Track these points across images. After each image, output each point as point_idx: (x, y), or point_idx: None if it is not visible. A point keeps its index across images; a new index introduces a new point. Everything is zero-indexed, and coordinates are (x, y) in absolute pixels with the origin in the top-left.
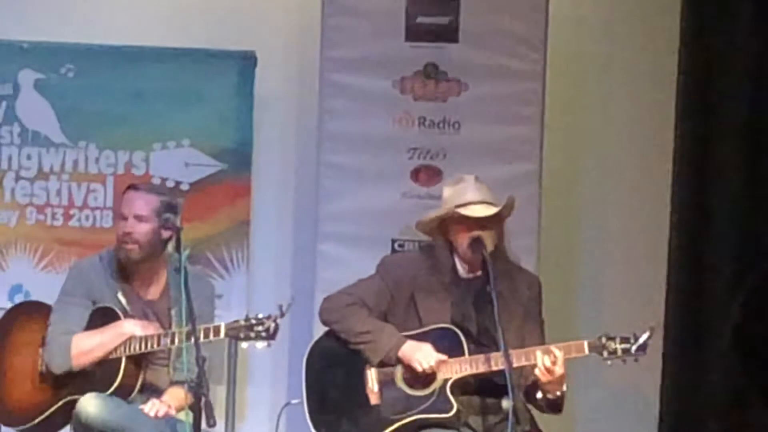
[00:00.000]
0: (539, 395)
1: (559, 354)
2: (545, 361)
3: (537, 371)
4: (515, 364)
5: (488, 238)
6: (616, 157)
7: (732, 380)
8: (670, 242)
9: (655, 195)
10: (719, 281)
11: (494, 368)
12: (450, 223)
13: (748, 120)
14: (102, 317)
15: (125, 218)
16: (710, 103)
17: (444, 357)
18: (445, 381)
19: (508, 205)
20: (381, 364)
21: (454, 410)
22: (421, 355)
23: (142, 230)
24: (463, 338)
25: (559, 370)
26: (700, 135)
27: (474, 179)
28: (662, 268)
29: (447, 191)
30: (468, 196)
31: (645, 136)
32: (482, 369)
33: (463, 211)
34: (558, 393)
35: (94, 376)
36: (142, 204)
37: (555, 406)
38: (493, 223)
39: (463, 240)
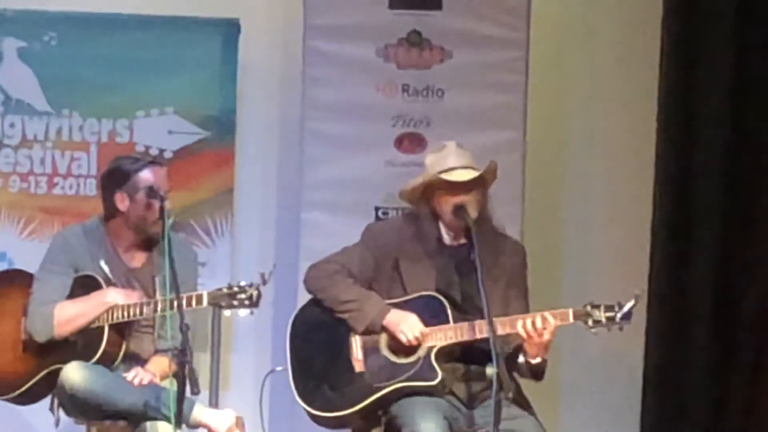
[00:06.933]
0: (520, 359)
1: (553, 322)
2: (537, 322)
3: (521, 329)
4: (500, 332)
5: (472, 205)
6: (599, 124)
7: (716, 347)
8: (654, 209)
9: (640, 162)
10: (704, 249)
11: (479, 336)
12: (433, 189)
13: (734, 79)
14: (83, 286)
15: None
16: (694, 65)
17: (428, 330)
18: (430, 349)
19: (490, 170)
20: (366, 332)
21: (439, 378)
22: (406, 326)
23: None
24: (447, 306)
25: (547, 335)
26: (685, 98)
27: (455, 145)
28: (646, 235)
29: (429, 158)
30: (450, 162)
31: (629, 103)
32: (467, 336)
33: (445, 176)
34: (539, 359)
35: (78, 345)
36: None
37: (535, 372)
38: (476, 188)
39: (446, 206)
